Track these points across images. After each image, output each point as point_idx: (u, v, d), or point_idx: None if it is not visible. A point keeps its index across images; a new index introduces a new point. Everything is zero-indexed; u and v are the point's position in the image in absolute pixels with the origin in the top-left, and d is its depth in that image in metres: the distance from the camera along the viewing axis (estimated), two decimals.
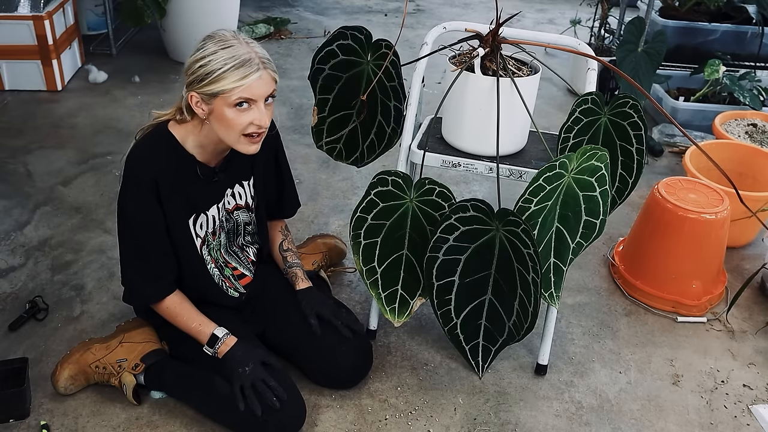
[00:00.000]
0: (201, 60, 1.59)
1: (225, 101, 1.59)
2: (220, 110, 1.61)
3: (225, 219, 1.85)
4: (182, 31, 3.98)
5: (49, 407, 1.82)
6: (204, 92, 1.59)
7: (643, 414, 1.92)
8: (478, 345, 1.95)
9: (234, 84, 1.57)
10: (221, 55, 1.57)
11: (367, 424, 1.84)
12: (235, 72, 1.57)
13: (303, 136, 3.24)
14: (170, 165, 1.69)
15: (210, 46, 1.59)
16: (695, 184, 2.37)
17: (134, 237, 1.72)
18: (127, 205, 1.69)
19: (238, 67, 1.57)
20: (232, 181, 1.84)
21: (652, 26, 3.53)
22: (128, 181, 1.68)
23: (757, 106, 3.24)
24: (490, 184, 2.98)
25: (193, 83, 1.60)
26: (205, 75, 1.58)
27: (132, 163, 1.68)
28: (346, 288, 2.34)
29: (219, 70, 1.57)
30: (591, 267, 2.52)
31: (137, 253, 1.74)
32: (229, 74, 1.57)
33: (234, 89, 1.57)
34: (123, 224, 1.73)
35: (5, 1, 3.48)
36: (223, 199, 1.82)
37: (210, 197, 1.79)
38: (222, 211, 1.83)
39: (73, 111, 3.46)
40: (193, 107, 1.63)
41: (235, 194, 1.85)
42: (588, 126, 1.85)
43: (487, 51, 1.87)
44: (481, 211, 1.73)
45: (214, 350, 1.76)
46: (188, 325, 1.78)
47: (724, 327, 2.27)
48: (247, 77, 1.57)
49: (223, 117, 1.61)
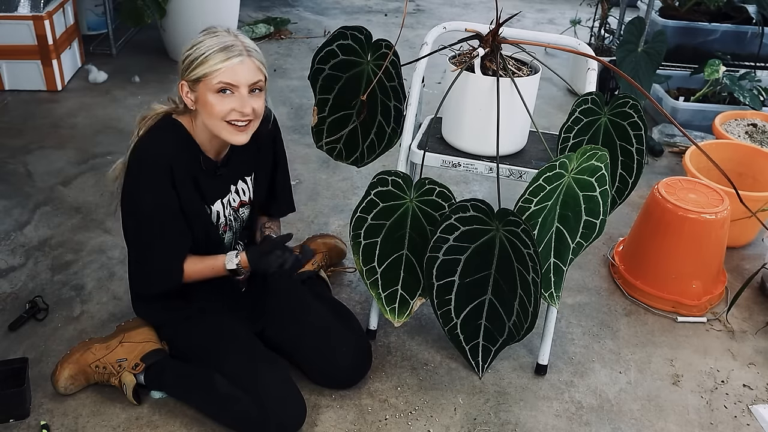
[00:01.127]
0: (189, 49, 1.64)
1: (207, 86, 1.62)
2: (203, 96, 1.63)
3: (233, 218, 1.85)
4: (182, 31, 3.98)
5: (49, 407, 1.82)
6: (189, 78, 1.64)
7: (643, 414, 1.92)
8: (478, 345, 1.95)
9: (215, 66, 1.60)
10: (206, 42, 1.63)
11: (367, 424, 1.84)
12: (217, 55, 1.61)
13: (303, 136, 3.24)
14: (181, 152, 1.70)
15: (199, 37, 1.65)
16: (695, 184, 2.37)
17: (155, 226, 1.71)
18: (141, 193, 1.68)
19: (220, 51, 1.61)
20: (236, 177, 1.84)
21: (652, 26, 3.53)
22: (141, 169, 1.68)
23: (757, 106, 3.24)
24: (490, 184, 2.98)
25: (182, 72, 1.65)
26: (190, 62, 1.63)
27: (146, 148, 1.68)
28: (346, 288, 2.34)
29: (202, 54, 1.61)
30: (591, 267, 2.52)
31: (158, 237, 1.72)
32: (211, 57, 1.61)
33: (215, 72, 1.60)
34: (138, 213, 1.71)
35: (5, 1, 3.48)
36: (228, 195, 1.83)
37: (216, 191, 1.80)
38: (228, 209, 1.83)
39: (73, 111, 3.46)
40: (183, 98, 1.67)
41: (240, 190, 1.86)
42: (588, 126, 1.85)
43: (487, 51, 1.87)
44: (481, 211, 1.73)
45: (237, 265, 1.76)
46: (204, 274, 1.79)
47: (724, 327, 2.27)
48: (228, 60, 1.61)
49: (206, 103, 1.64)
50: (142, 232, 1.73)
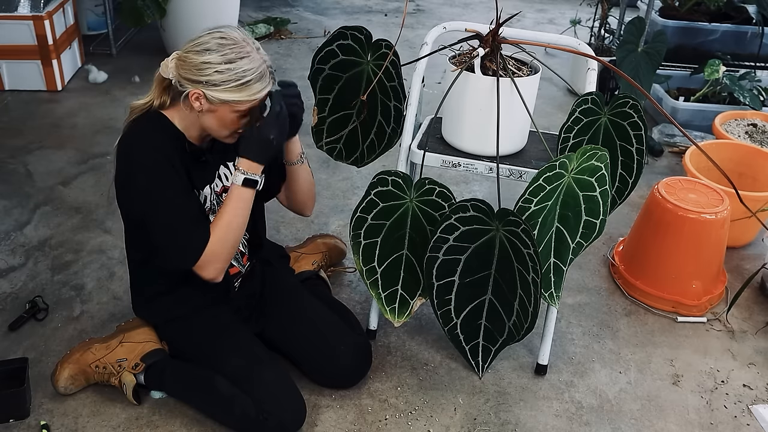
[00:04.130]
0: (219, 65, 1.57)
1: (232, 108, 1.61)
2: (223, 114, 1.62)
3: (216, 203, 1.82)
4: (182, 31, 3.98)
5: (49, 407, 1.82)
6: (215, 96, 1.59)
7: (643, 414, 1.92)
8: (478, 345, 1.95)
9: (250, 96, 1.60)
10: (240, 65, 1.58)
11: (367, 424, 1.84)
12: (254, 85, 1.59)
13: (303, 136, 3.22)
14: (168, 142, 1.68)
15: (226, 53, 1.58)
16: (695, 184, 2.37)
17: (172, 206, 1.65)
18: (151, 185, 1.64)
19: (255, 82, 1.59)
20: (219, 162, 1.82)
21: (652, 26, 3.53)
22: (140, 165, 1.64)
23: (757, 106, 3.24)
24: (490, 184, 2.98)
25: (202, 83, 1.59)
26: (221, 82, 1.57)
27: (136, 146, 1.65)
28: (346, 288, 2.34)
29: (236, 81, 1.57)
30: (591, 267, 2.52)
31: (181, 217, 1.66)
32: (248, 87, 1.59)
33: (247, 102, 1.60)
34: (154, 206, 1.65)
35: (5, 1, 3.48)
36: (214, 180, 1.81)
37: (203, 177, 1.77)
38: (212, 194, 1.81)
39: (73, 111, 3.46)
40: (191, 100, 1.61)
41: (222, 176, 1.82)
42: (588, 126, 1.85)
43: (487, 51, 1.87)
44: (481, 211, 1.73)
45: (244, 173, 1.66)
46: (230, 220, 1.68)
47: (724, 327, 2.27)
48: (261, 92, 1.61)
49: (224, 119, 1.63)
50: (158, 212, 1.66)
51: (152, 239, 1.69)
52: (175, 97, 1.68)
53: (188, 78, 1.60)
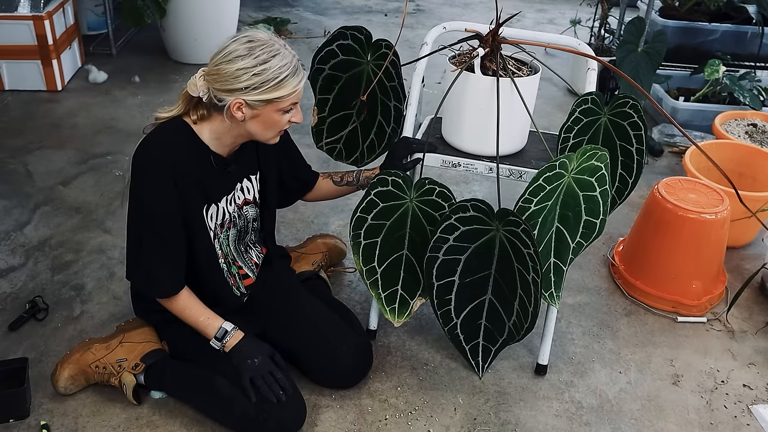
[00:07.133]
0: (254, 68, 1.59)
1: (276, 107, 1.64)
2: (268, 115, 1.65)
3: (237, 215, 1.85)
4: (182, 31, 3.98)
5: (49, 407, 1.82)
6: (257, 99, 1.61)
7: (643, 414, 1.92)
8: (478, 345, 1.95)
9: (290, 91, 1.63)
10: (275, 63, 1.61)
11: (367, 424, 1.84)
12: (291, 80, 1.63)
13: (303, 136, 3.23)
14: (187, 153, 1.68)
15: (258, 54, 1.60)
16: (695, 184, 2.37)
17: (154, 227, 1.69)
18: (145, 195, 1.67)
19: (291, 76, 1.63)
20: (242, 174, 1.84)
21: (652, 26, 3.53)
22: (146, 171, 1.66)
23: (757, 106, 3.24)
24: (490, 184, 2.98)
25: (242, 90, 1.60)
26: (261, 83, 1.59)
27: (149, 150, 1.67)
28: (346, 288, 2.34)
29: (276, 78, 1.60)
30: (591, 267, 2.52)
31: (159, 243, 1.70)
32: (287, 82, 1.62)
33: (289, 96, 1.64)
34: (140, 215, 1.69)
35: (5, 1, 3.48)
36: (233, 192, 1.82)
37: (222, 188, 1.79)
38: (233, 206, 1.83)
39: (73, 111, 3.46)
40: (233, 112, 1.63)
41: (244, 188, 1.85)
42: (588, 126, 1.85)
43: (487, 51, 1.87)
44: (481, 211, 1.73)
45: (222, 344, 1.75)
46: (197, 319, 1.77)
47: (724, 327, 2.27)
48: (300, 83, 1.65)
49: (270, 120, 1.66)
50: (143, 234, 1.71)
51: (127, 245, 1.75)
52: (209, 112, 1.68)
53: (225, 89, 1.61)
